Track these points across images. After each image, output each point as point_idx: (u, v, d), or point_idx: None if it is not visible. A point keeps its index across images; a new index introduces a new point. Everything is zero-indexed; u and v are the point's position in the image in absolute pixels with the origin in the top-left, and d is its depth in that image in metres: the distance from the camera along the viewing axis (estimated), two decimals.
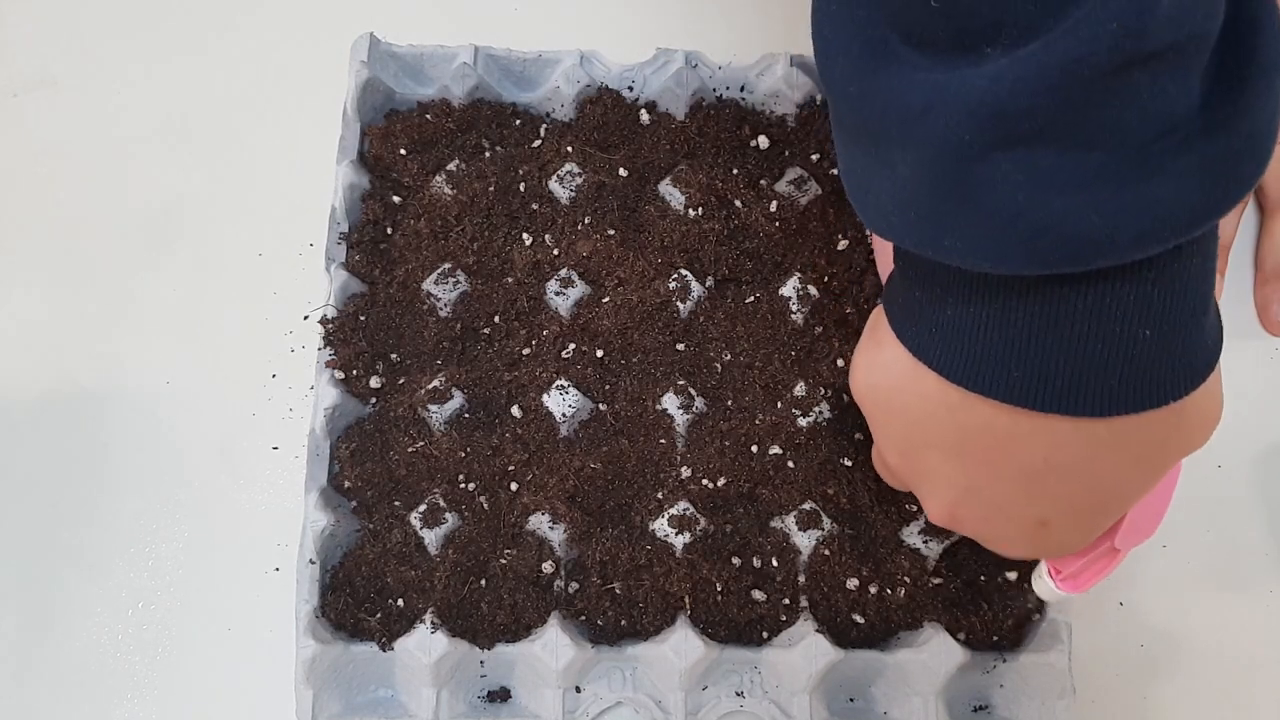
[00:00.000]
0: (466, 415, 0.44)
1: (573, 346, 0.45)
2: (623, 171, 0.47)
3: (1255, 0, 0.26)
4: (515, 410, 0.44)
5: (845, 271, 0.46)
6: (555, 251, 0.46)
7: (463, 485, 0.43)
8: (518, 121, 0.49)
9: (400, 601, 0.41)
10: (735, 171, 0.47)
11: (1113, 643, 0.43)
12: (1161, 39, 0.24)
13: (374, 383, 0.44)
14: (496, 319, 0.45)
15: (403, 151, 0.47)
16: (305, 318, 0.47)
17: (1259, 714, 0.43)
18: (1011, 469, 0.32)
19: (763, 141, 0.48)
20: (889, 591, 0.41)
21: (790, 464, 0.43)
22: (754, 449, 0.43)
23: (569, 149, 0.48)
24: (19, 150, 0.51)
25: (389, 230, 0.47)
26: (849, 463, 0.43)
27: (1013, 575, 0.41)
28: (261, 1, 0.54)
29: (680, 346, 0.45)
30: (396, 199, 0.47)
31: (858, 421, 0.43)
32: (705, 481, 0.43)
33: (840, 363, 0.44)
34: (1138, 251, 0.26)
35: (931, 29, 0.26)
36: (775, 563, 0.42)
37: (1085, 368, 0.28)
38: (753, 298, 0.45)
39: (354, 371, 0.44)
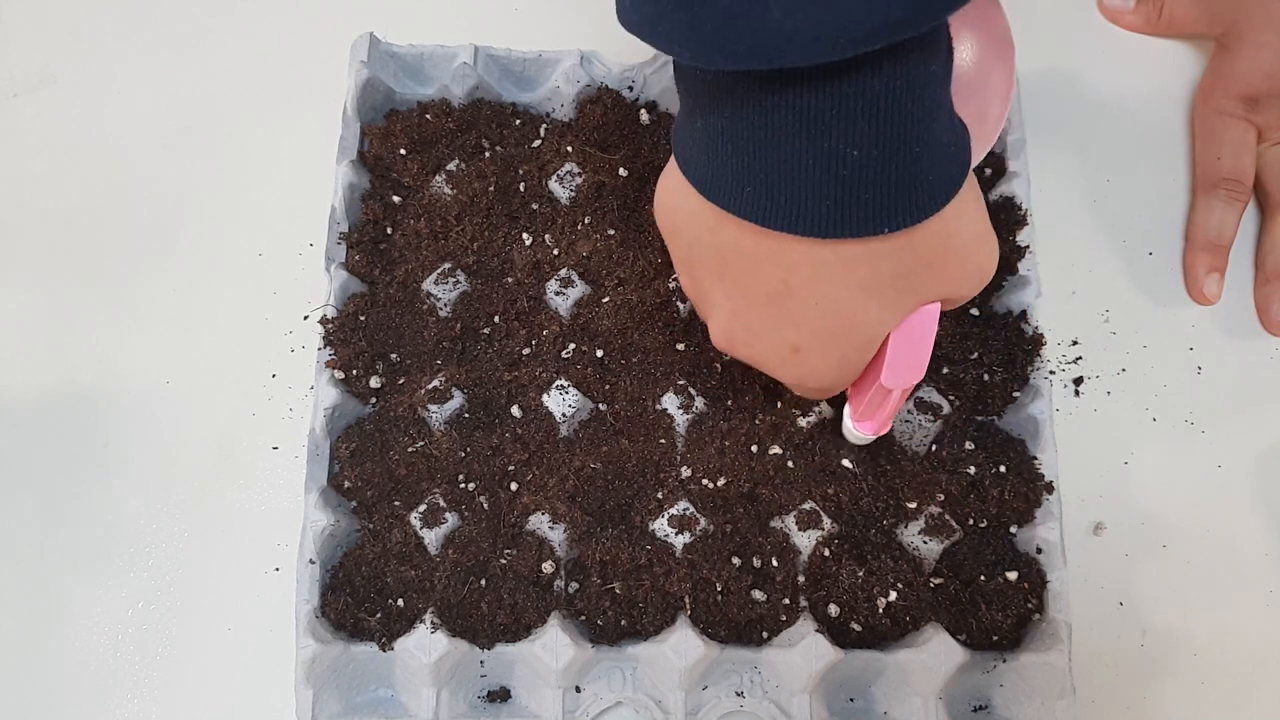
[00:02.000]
0: (466, 415, 0.44)
1: (573, 346, 0.45)
2: (623, 171, 0.47)
3: None
4: (515, 410, 0.44)
5: None
6: (555, 251, 0.46)
7: (463, 485, 0.43)
8: (518, 121, 0.49)
9: (400, 601, 0.41)
10: None
11: (1113, 643, 0.43)
12: None
13: (374, 383, 0.44)
14: (496, 319, 0.45)
15: (403, 151, 0.47)
16: (305, 318, 0.47)
17: (1259, 714, 0.43)
18: (759, 291, 0.33)
19: None
20: (888, 593, 0.41)
21: (790, 464, 0.43)
22: (754, 449, 0.43)
23: (569, 149, 0.48)
24: (19, 150, 0.51)
25: (389, 230, 0.47)
26: (849, 463, 0.43)
27: (1013, 575, 0.41)
28: (261, 2, 0.54)
29: (680, 346, 0.45)
30: (396, 199, 0.47)
31: None
32: (705, 481, 0.43)
33: None
34: (816, 54, 0.26)
35: None
36: (775, 563, 0.42)
37: (801, 186, 0.29)
38: None
39: (354, 371, 0.44)
